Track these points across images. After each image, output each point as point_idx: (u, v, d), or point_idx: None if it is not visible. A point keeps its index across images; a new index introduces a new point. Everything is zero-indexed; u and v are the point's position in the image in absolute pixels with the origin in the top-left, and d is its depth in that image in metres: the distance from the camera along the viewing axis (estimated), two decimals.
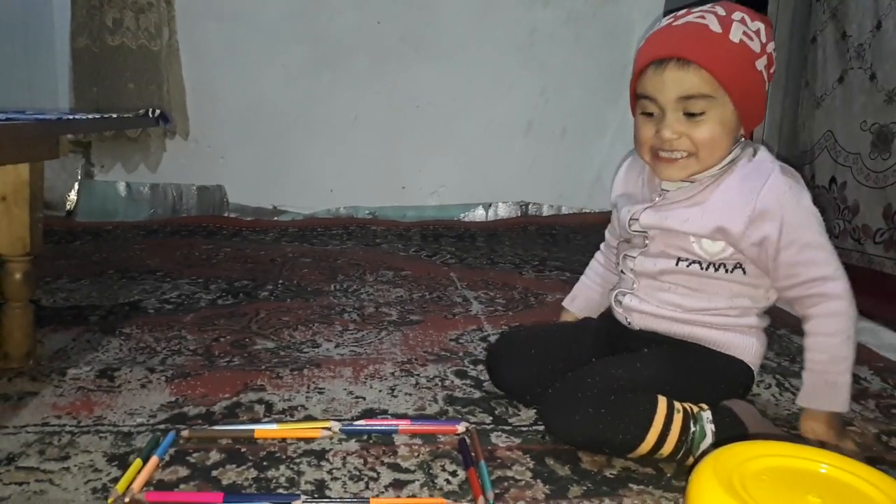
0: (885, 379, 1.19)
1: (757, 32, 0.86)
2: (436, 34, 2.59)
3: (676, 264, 0.92)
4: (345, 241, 2.34)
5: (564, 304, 1.20)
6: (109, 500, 0.76)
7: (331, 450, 0.89)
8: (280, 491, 0.80)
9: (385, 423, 0.96)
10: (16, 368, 1.13)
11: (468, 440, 0.92)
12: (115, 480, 0.80)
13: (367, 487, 0.81)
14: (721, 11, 0.87)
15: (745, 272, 0.91)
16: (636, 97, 0.91)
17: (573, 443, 0.88)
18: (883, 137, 1.53)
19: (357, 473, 0.84)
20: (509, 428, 0.97)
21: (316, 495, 0.79)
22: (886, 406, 1.08)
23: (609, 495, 0.81)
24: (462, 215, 2.69)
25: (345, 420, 0.97)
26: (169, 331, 1.35)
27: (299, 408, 1.02)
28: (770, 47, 0.88)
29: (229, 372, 1.15)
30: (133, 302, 1.55)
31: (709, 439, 0.86)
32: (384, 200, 2.67)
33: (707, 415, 0.87)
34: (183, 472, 0.83)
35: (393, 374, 1.16)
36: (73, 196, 2.59)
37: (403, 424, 0.95)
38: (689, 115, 0.85)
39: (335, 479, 0.82)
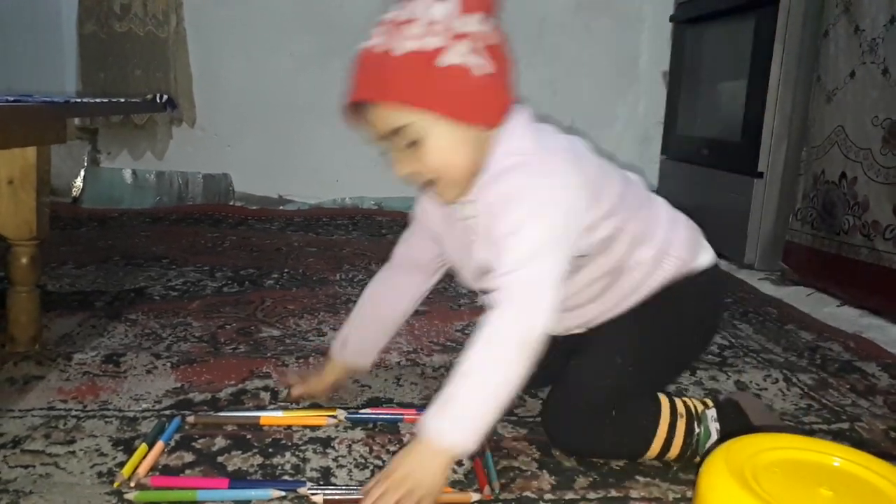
0: (894, 375, 1.18)
1: (434, 23, 0.70)
2: None
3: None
4: (350, 232, 2.34)
5: (334, 352, 0.99)
6: (115, 484, 0.76)
7: (336, 437, 0.89)
8: (286, 478, 0.79)
9: (391, 412, 0.96)
10: (22, 352, 1.12)
11: None
12: (121, 465, 0.79)
13: (372, 475, 0.80)
14: (400, 11, 0.72)
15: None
16: None
17: (580, 456, 0.86)
18: (894, 133, 1.51)
19: (362, 461, 0.83)
20: (515, 419, 0.97)
21: (321, 482, 0.78)
22: (895, 402, 1.07)
23: (615, 487, 0.80)
24: None
25: (350, 408, 0.96)
26: (174, 317, 1.35)
27: (305, 395, 1.01)
28: (465, 24, 0.70)
29: (235, 359, 1.15)
30: (139, 288, 1.55)
31: (713, 437, 0.85)
32: (390, 191, 2.66)
33: (711, 413, 0.86)
34: (188, 457, 0.83)
35: (399, 363, 1.16)
36: (79, 183, 2.59)
37: (409, 414, 0.95)
38: (410, 144, 0.74)
39: (341, 466, 0.82)
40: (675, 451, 0.84)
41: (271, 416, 0.92)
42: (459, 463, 0.84)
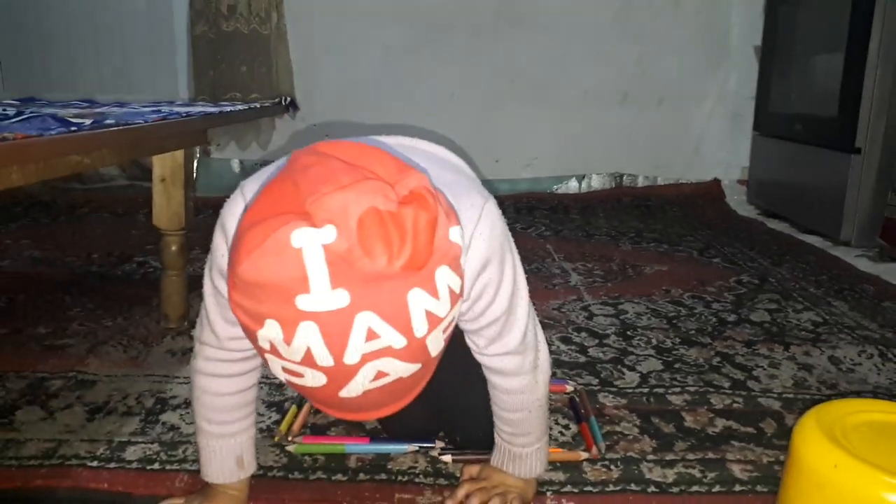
0: None
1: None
2: (530, 6, 2.62)
3: None
4: None
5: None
6: (276, 438, 0.89)
7: None
8: None
9: None
10: (174, 328, 1.29)
11: (577, 398, 1.00)
12: (277, 423, 0.93)
13: None
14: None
15: None
16: None
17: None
18: None
19: None
20: (615, 389, 1.05)
21: (448, 442, 0.89)
22: None
23: (712, 450, 0.88)
24: (555, 187, 2.74)
25: None
26: None
27: None
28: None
29: None
30: None
31: None
32: (478, 174, 2.71)
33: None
34: (331, 417, 0.95)
35: None
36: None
37: None
38: None
39: None
40: None
41: None
42: (567, 427, 0.93)
